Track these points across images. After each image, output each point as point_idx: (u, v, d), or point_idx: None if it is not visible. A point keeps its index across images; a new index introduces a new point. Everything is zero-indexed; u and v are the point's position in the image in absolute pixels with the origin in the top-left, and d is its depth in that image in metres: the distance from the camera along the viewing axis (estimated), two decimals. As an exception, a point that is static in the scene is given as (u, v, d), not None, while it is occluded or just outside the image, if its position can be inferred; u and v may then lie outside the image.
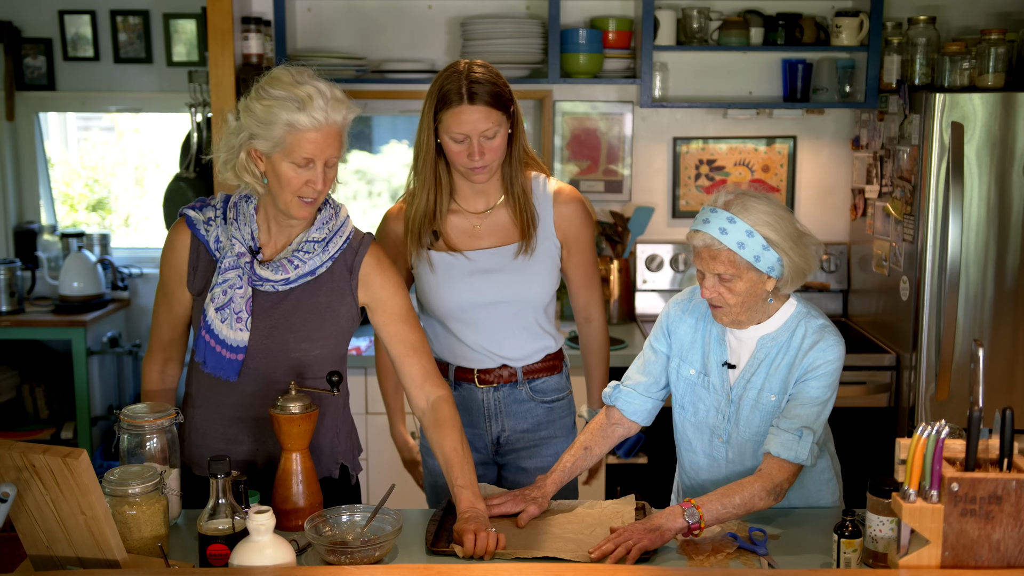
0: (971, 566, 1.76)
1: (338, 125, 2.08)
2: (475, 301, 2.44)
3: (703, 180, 4.12)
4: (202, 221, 2.21)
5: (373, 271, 2.23)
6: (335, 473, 2.31)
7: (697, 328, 2.27)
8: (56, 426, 4.38)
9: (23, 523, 1.83)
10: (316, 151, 2.06)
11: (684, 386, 2.28)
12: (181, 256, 2.22)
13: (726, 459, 2.25)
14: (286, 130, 2.04)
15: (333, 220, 2.21)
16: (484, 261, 2.44)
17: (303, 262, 2.17)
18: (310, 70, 2.11)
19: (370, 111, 4.16)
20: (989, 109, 3.30)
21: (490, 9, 3.99)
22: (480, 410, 2.52)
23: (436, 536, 2.09)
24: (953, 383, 3.36)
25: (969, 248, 3.36)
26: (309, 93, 2.04)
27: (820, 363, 2.13)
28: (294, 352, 2.20)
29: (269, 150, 2.08)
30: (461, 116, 2.29)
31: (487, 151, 2.32)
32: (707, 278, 2.12)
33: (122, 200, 5.17)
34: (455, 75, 2.31)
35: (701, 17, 3.90)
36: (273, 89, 2.06)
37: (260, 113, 2.06)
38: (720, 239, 2.06)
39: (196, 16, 4.42)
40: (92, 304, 4.27)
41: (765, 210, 2.07)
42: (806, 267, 2.12)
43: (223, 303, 2.15)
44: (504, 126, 2.34)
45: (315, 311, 2.20)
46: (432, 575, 1.84)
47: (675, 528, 2.03)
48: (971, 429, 1.77)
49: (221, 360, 2.17)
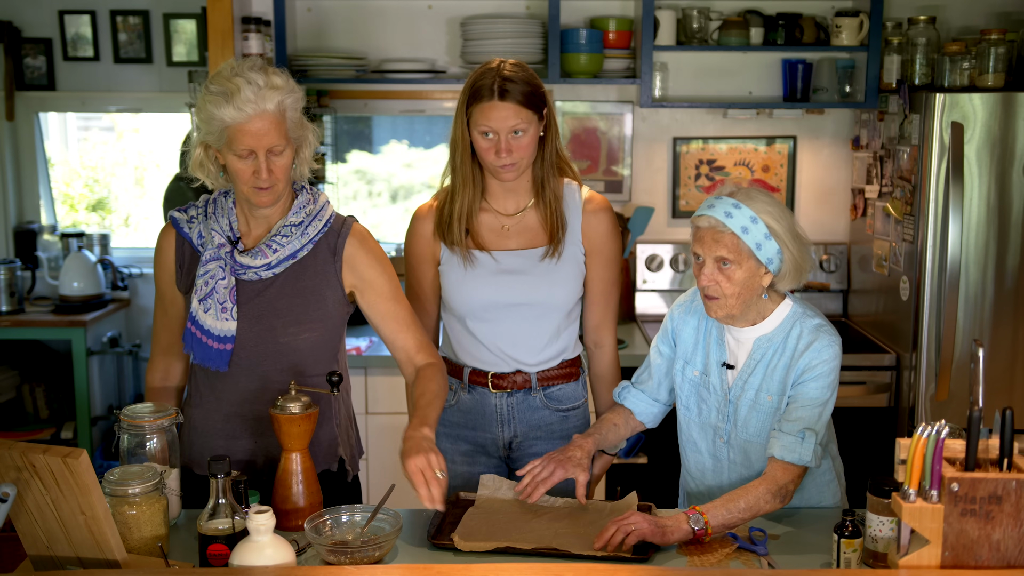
0: (971, 566, 1.76)
1: (271, 113, 2.08)
2: (497, 301, 2.43)
3: (703, 180, 4.12)
4: (185, 220, 2.24)
5: (357, 252, 2.24)
6: (333, 467, 2.32)
7: (699, 329, 2.28)
8: (56, 426, 4.38)
9: (23, 523, 1.83)
10: (253, 142, 2.07)
11: (689, 387, 2.29)
12: (168, 256, 2.25)
13: (728, 460, 2.26)
14: (221, 124, 2.07)
15: (311, 205, 2.23)
16: (510, 262, 2.44)
17: (282, 246, 2.18)
18: (255, 61, 2.13)
19: (370, 111, 4.16)
20: (989, 109, 3.30)
21: (490, 9, 3.98)
22: (493, 414, 2.50)
23: (439, 529, 2.10)
24: (953, 383, 3.36)
25: (969, 248, 3.36)
26: (238, 85, 2.05)
27: (816, 363, 2.13)
28: (283, 337, 2.21)
29: (216, 144, 2.12)
30: (490, 112, 2.30)
31: (515, 149, 2.32)
32: (706, 265, 2.13)
33: (122, 200, 5.17)
34: (489, 72, 2.33)
35: (701, 17, 3.90)
36: (211, 84, 2.09)
37: (201, 110, 2.10)
38: (725, 222, 2.09)
39: (196, 16, 4.42)
40: (92, 304, 4.27)
41: (768, 202, 2.12)
42: (804, 264, 2.14)
43: (205, 293, 2.17)
44: (534, 126, 2.35)
45: (300, 295, 2.21)
46: (432, 575, 1.84)
47: (680, 532, 2.02)
48: (971, 429, 1.77)
49: (208, 350, 2.18)
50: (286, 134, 2.11)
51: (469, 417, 2.52)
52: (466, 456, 2.54)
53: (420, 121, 4.41)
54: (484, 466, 2.53)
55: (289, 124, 2.12)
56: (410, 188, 4.49)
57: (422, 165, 4.47)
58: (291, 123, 2.12)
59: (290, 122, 2.12)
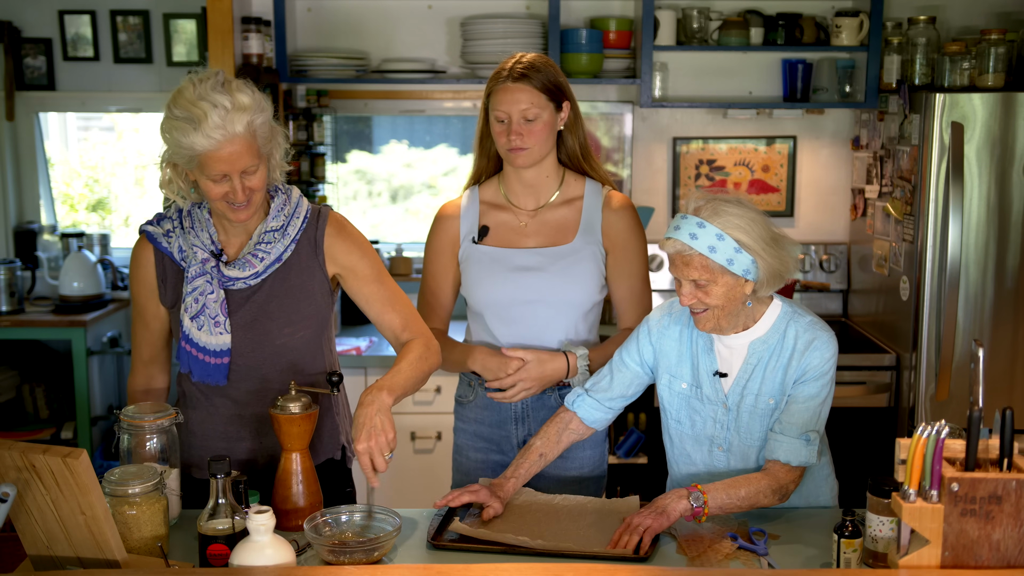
0: (971, 566, 1.76)
1: (242, 136, 2.02)
2: (515, 298, 2.44)
3: (703, 180, 4.12)
4: (162, 234, 2.21)
5: (336, 240, 2.23)
6: (337, 455, 2.33)
7: (682, 339, 2.24)
8: (56, 426, 4.38)
9: (23, 523, 1.83)
10: (226, 167, 2.03)
11: (679, 401, 2.27)
12: (148, 272, 2.22)
13: (727, 467, 2.24)
14: (191, 152, 2.02)
15: (288, 205, 2.22)
16: (528, 259, 2.45)
17: (267, 253, 2.17)
18: (217, 78, 2.05)
19: (370, 111, 4.16)
20: (989, 109, 3.30)
21: (490, 9, 3.98)
22: (508, 413, 2.51)
23: (438, 531, 2.10)
24: (953, 383, 3.36)
25: (969, 248, 3.36)
26: (204, 111, 1.98)
27: (818, 363, 2.13)
28: (279, 339, 2.20)
29: (187, 167, 2.08)
30: (504, 94, 2.36)
31: (525, 133, 2.36)
32: (684, 285, 2.10)
33: (122, 200, 5.17)
34: (512, 59, 2.40)
35: (701, 17, 3.90)
36: (175, 108, 2.02)
37: (166, 133, 2.05)
38: (691, 244, 2.04)
39: (196, 16, 4.42)
40: (92, 304, 4.27)
41: (736, 213, 2.05)
42: (782, 268, 2.09)
43: (197, 311, 2.15)
44: (548, 113, 2.38)
45: (290, 295, 2.21)
46: (432, 575, 1.84)
47: (679, 509, 2.04)
48: (971, 429, 1.77)
49: (207, 367, 2.18)
50: (258, 152, 2.07)
51: (485, 414, 2.53)
52: (480, 452, 2.56)
53: (420, 121, 4.41)
54: (497, 463, 2.54)
55: (260, 141, 2.07)
56: (410, 188, 4.49)
57: (422, 165, 4.47)
58: (262, 140, 2.08)
59: (260, 139, 2.07)
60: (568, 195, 2.49)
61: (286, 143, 2.19)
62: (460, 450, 2.60)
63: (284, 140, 2.18)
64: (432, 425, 3.72)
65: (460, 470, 2.60)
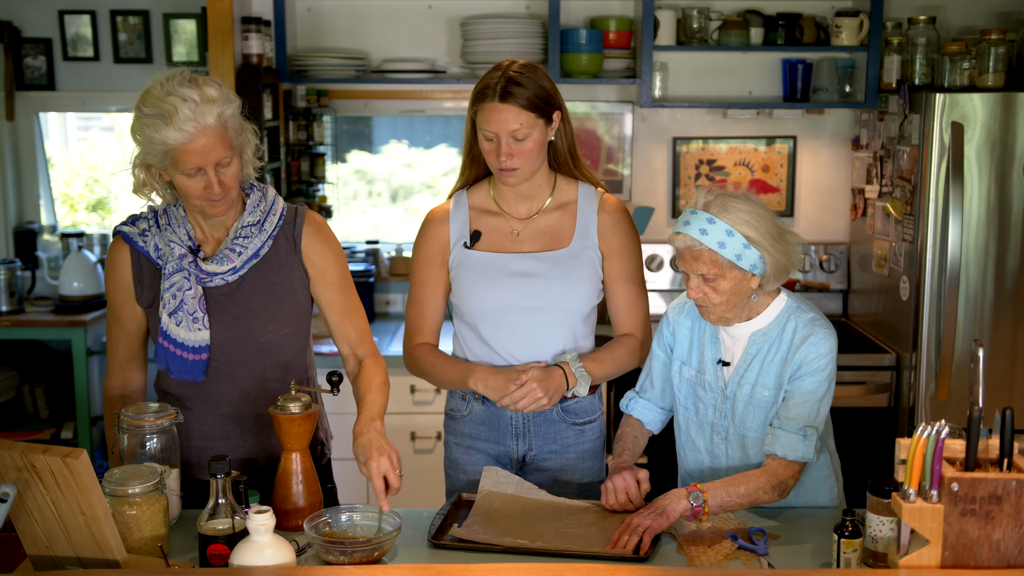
0: (971, 566, 1.76)
1: (213, 127, 2.04)
2: (513, 304, 2.37)
3: (703, 180, 4.11)
4: (137, 233, 2.21)
5: (312, 241, 2.26)
6: (316, 450, 2.34)
7: (693, 328, 2.29)
8: (56, 426, 4.38)
9: (23, 523, 1.83)
10: (200, 160, 2.05)
11: (686, 387, 2.30)
12: (124, 272, 2.22)
13: (726, 455, 2.26)
14: (164, 147, 2.03)
15: (263, 201, 2.23)
16: (524, 265, 2.38)
17: (244, 247, 2.18)
18: (184, 74, 2.07)
19: (370, 111, 4.16)
20: (989, 109, 3.30)
21: (490, 9, 3.98)
22: (508, 427, 2.43)
23: (439, 529, 2.10)
24: (953, 383, 3.36)
25: (969, 248, 3.36)
26: (174, 105, 2.00)
27: (813, 357, 2.14)
28: (262, 337, 2.22)
29: (160, 165, 2.09)
30: (491, 114, 2.27)
31: (516, 153, 2.29)
32: (692, 279, 2.13)
33: (122, 200, 5.17)
34: (496, 71, 2.31)
35: (701, 17, 3.90)
36: (144, 107, 2.04)
37: (137, 133, 2.06)
38: (701, 239, 2.07)
39: (196, 16, 4.42)
40: (92, 304, 4.27)
41: (745, 209, 2.09)
42: (788, 264, 2.14)
43: (175, 307, 2.16)
44: (539, 130, 2.30)
45: (271, 292, 2.22)
46: (432, 575, 1.84)
47: (679, 509, 2.05)
48: (971, 429, 1.77)
49: (184, 363, 2.18)
50: (230, 144, 2.08)
51: (482, 429, 2.45)
52: (478, 468, 2.43)
53: (420, 121, 4.41)
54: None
55: (231, 133, 2.09)
56: (410, 188, 4.49)
57: (422, 165, 4.47)
58: (233, 132, 2.09)
59: (232, 131, 2.09)
60: (561, 199, 2.43)
61: (256, 139, 2.20)
62: (455, 465, 2.50)
63: (254, 136, 2.19)
64: (432, 425, 3.72)
65: (456, 487, 2.49)
